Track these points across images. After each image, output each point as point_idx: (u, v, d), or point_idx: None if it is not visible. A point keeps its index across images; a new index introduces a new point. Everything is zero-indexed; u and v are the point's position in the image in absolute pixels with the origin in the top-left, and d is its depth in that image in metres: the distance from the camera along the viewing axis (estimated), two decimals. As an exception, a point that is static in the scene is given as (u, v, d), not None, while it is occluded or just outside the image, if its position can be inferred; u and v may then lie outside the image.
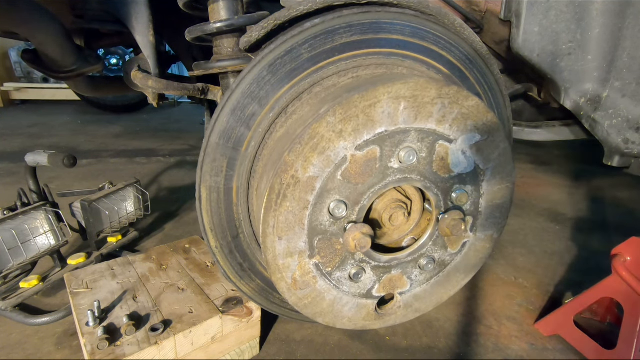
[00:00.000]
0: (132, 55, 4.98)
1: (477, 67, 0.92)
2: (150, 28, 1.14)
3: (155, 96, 1.17)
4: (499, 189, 0.84)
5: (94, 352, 0.86)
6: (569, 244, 1.88)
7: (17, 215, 1.31)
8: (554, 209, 2.34)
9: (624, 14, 0.99)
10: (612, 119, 1.11)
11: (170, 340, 0.92)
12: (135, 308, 1.02)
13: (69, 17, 1.35)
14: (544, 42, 1.03)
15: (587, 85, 1.08)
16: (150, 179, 2.76)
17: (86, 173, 2.83)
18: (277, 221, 0.69)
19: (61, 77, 1.41)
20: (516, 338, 1.24)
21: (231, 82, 0.94)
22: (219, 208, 0.87)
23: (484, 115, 0.76)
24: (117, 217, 1.66)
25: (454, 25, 0.86)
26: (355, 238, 0.73)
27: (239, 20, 0.88)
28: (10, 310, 1.25)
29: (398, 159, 0.73)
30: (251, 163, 0.84)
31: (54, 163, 1.33)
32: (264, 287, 0.99)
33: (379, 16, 0.80)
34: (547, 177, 2.98)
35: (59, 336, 1.20)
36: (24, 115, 5.11)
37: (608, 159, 1.19)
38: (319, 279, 0.78)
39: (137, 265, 1.25)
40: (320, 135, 0.66)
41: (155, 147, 3.64)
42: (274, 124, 0.82)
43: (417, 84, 0.68)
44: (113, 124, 4.68)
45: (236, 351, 1.09)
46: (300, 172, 0.67)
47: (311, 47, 0.78)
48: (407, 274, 0.87)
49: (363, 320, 0.88)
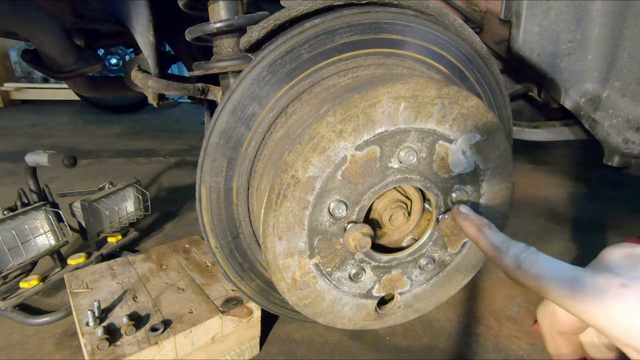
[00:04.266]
0: (132, 55, 4.98)
1: (477, 67, 0.92)
2: (150, 28, 1.14)
3: (155, 96, 1.17)
4: (499, 189, 0.84)
5: (94, 352, 0.86)
6: (569, 244, 1.88)
7: (17, 215, 1.31)
8: (554, 209, 2.34)
9: (624, 14, 0.99)
10: (612, 119, 1.11)
11: (170, 340, 0.92)
12: (135, 308, 1.02)
13: (69, 17, 1.35)
14: (544, 42, 1.03)
15: (587, 85, 1.08)
16: (150, 179, 2.76)
17: (86, 173, 2.83)
18: (277, 221, 0.69)
19: (61, 77, 1.41)
20: (516, 338, 1.24)
21: (231, 82, 0.94)
22: (219, 208, 0.87)
23: (484, 115, 0.76)
24: (117, 217, 1.66)
25: (454, 25, 0.86)
26: (355, 238, 0.73)
27: (239, 20, 0.88)
28: (10, 310, 1.25)
29: (398, 159, 0.73)
30: (251, 163, 0.84)
31: (54, 163, 1.33)
32: (264, 287, 0.99)
33: (378, 16, 0.80)
34: (547, 177, 2.98)
35: (59, 336, 1.20)
36: (24, 115, 5.11)
37: (608, 159, 1.19)
38: (319, 279, 0.78)
39: (137, 265, 1.25)
40: (320, 135, 0.66)
41: (155, 147, 3.64)
42: (274, 124, 0.82)
43: (417, 84, 0.68)
44: (113, 124, 4.68)
45: (236, 351, 1.09)
46: (300, 172, 0.67)
47: (311, 47, 0.78)
48: (407, 274, 0.87)
49: (363, 320, 0.88)
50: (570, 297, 0.33)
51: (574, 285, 0.34)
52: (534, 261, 0.38)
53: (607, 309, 0.31)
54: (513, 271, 0.40)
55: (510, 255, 0.41)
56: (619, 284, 0.32)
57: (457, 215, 0.52)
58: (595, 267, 0.35)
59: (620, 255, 0.35)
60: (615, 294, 0.31)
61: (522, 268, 0.38)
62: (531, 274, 0.37)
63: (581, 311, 0.32)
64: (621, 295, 0.31)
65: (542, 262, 0.38)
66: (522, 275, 0.38)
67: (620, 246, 0.36)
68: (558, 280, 0.35)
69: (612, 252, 0.36)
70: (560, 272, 0.35)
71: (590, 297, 0.32)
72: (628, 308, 0.30)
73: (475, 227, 0.47)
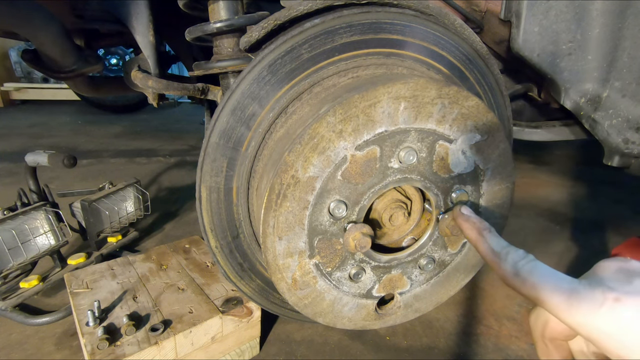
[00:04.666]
0: (132, 55, 4.98)
1: (477, 67, 0.92)
2: (150, 28, 1.14)
3: (155, 96, 1.17)
4: (499, 189, 0.84)
5: (94, 352, 0.86)
6: (569, 244, 1.88)
7: (17, 215, 1.31)
8: (554, 209, 2.34)
9: (624, 14, 0.99)
10: (612, 119, 1.11)
11: (170, 340, 0.92)
12: (135, 308, 1.02)
13: (69, 17, 1.35)
14: (544, 42, 1.03)
15: (587, 85, 1.08)
16: (150, 179, 2.76)
17: (86, 173, 2.83)
18: (277, 221, 0.69)
19: (61, 77, 1.41)
20: (516, 338, 1.24)
21: (231, 82, 0.94)
22: (219, 208, 0.87)
23: (484, 115, 0.76)
24: (117, 217, 1.66)
25: (454, 25, 0.86)
26: (355, 238, 0.73)
27: (239, 20, 0.88)
28: (10, 310, 1.25)
29: (398, 159, 0.73)
30: (251, 163, 0.84)
31: (54, 163, 1.33)
32: (264, 287, 0.99)
33: (378, 16, 0.80)
34: (547, 177, 2.98)
35: (59, 336, 1.20)
36: (24, 115, 5.11)
37: (608, 159, 1.19)
38: (319, 279, 0.78)
39: (137, 265, 1.25)
40: (320, 135, 0.66)
41: (155, 147, 3.64)
42: (274, 124, 0.82)
43: (417, 84, 0.68)
44: (113, 124, 4.68)
45: (236, 351, 1.09)
46: (300, 172, 0.67)
47: (311, 47, 0.78)
48: (407, 274, 0.87)
49: (363, 320, 0.88)
50: (566, 309, 0.34)
51: (571, 298, 0.34)
52: (532, 270, 0.38)
53: (602, 322, 0.32)
54: (511, 278, 0.40)
55: (509, 262, 0.41)
56: (614, 298, 0.33)
57: (458, 217, 0.52)
58: (590, 280, 0.36)
59: (613, 269, 0.36)
60: (610, 308, 0.32)
61: (520, 276, 0.39)
62: (529, 282, 0.38)
63: (576, 323, 0.33)
64: (616, 309, 0.32)
65: (540, 271, 0.38)
66: (520, 283, 0.39)
67: (614, 260, 0.37)
68: (555, 290, 0.35)
69: (606, 266, 0.37)
70: (558, 283, 0.36)
71: (586, 310, 0.33)
72: (622, 322, 0.31)
73: (476, 230, 0.47)
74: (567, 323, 0.34)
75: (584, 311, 0.33)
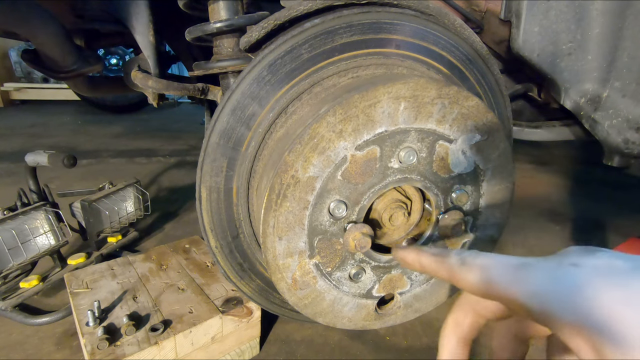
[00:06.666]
0: (132, 55, 4.98)
1: (477, 67, 0.92)
2: (150, 28, 1.14)
3: (155, 96, 1.17)
4: (499, 189, 0.84)
5: (94, 352, 0.86)
6: (569, 244, 1.88)
7: (17, 215, 1.31)
8: (554, 209, 2.34)
9: (624, 14, 0.99)
10: (612, 119, 1.11)
11: (170, 340, 0.92)
12: (135, 308, 1.02)
13: (69, 17, 1.35)
14: (544, 42, 1.03)
15: (587, 85, 1.08)
16: (150, 179, 2.76)
17: (86, 173, 2.83)
18: (277, 221, 0.69)
19: (61, 77, 1.41)
20: (516, 338, 1.24)
21: (231, 82, 0.94)
22: (219, 208, 0.87)
23: (484, 115, 0.76)
24: (117, 217, 1.66)
25: (454, 25, 0.86)
26: (355, 238, 0.73)
27: (239, 20, 0.88)
28: (10, 310, 1.25)
29: (398, 159, 0.73)
30: (251, 163, 0.84)
31: (54, 163, 1.33)
32: (264, 287, 0.99)
33: (379, 16, 0.80)
34: (547, 177, 2.98)
35: (59, 336, 1.20)
36: (24, 115, 5.11)
37: (608, 159, 1.19)
38: (319, 279, 0.78)
39: (137, 265, 1.25)
40: (320, 135, 0.66)
41: (155, 147, 3.63)
42: (274, 124, 0.82)
43: (417, 84, 0.68)
44: (113, 124, 4.68)
45: (236, 351, 1.09)
46: (300, 172, 0.67)
47: (311, 47, 0.78)
48: (407, 274, 0.87)
49: (363, 320, 0.88)
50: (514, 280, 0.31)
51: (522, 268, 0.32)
52: (478, 255, 0.37)
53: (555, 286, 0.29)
54: (458, 269, 0.38)
55: (453, 256, 0.39)
56: (570, 263, 0.30)
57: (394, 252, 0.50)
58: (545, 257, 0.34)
59: (576, 248, 0.34)
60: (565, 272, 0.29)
61: (467, 263, 0.37)
62: (476, 265, 0.36)
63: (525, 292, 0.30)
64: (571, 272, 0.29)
65: (487, 254, 0.36)
66: (467, 270, 0.36)
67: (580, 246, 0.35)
68: (504, 266, 0.33)
69: (568, 248, 0.34)
70: (507, 260, 0.34)
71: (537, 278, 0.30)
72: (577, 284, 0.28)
73: (412, 251, 0.45)
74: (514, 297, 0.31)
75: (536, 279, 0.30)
